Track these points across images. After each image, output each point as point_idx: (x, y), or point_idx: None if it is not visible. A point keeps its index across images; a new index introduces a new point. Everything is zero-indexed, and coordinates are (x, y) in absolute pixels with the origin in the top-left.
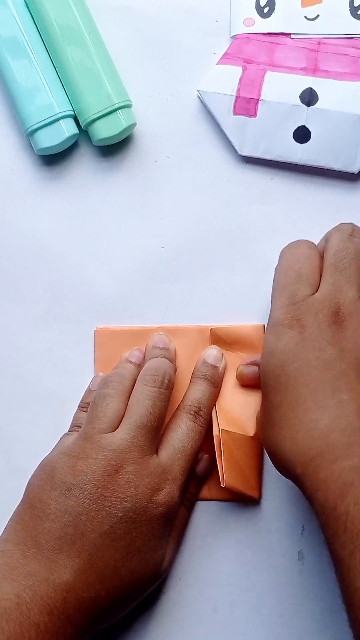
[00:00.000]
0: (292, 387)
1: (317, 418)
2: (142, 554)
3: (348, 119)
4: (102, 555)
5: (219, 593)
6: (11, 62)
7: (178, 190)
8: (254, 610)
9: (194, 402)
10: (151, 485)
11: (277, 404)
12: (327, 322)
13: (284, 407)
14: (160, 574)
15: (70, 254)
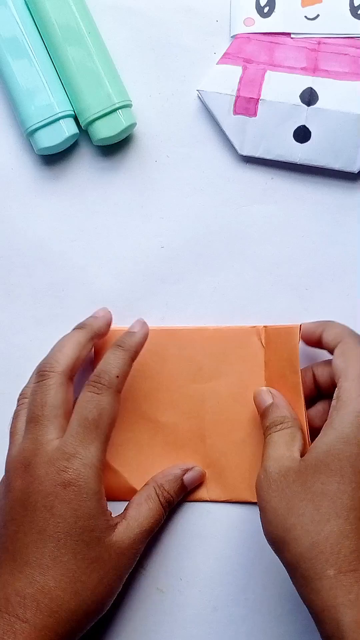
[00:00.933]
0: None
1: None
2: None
3: (348, 119)
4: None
5: (219, 593)
6: (11, 62)
7: (178, 190)
8: (254, 610)
9: (96, 371)
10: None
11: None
12: None
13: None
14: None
15: (70, 254)
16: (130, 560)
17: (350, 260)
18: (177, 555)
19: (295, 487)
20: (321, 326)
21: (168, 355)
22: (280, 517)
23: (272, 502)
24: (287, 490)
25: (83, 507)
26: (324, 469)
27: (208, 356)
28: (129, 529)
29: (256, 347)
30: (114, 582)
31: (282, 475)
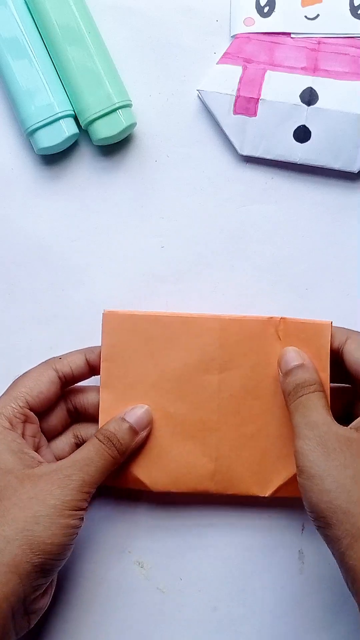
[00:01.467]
0: None
1: None
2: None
3: (348, 119)
4: None
5: (219, 593)
6: (11, 62)
7: (178, 189)
8: (254, 610)
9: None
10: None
11: None
12: None
13: None
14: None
15: (70, 253)
16: (58, 484)
17: (350, 260)
18: (177, 555)
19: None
20: (346, 335)
21: (180, 343)
22: (344, 487)
23: (334, 471)
24: (352, 460)
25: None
26: None
27: (221, 346)
28: (55, 463)
29: (272, 339)
30: (38, 505)
31: (343, 444)
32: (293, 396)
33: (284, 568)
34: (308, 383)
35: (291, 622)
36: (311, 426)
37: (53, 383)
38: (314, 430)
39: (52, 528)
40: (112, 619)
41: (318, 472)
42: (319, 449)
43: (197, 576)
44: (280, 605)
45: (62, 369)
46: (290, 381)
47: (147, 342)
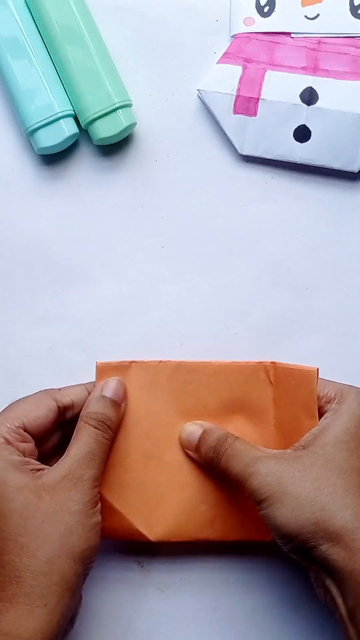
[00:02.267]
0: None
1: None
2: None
3: (348, 118)
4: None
5: (219, 593)
6: (11, 62)
7: (178, 189)
8: (254, 610)
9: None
10: None
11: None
12: None
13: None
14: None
15: (70, 253)
16: (75, 488)
17: (350, 260)
18: (177, 555)
19: (316, 468)
20: (334, 390)
21: (172, 390)
22: (307, 501)
23: (292, 490)
24: (306, 473)
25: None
26: (345, 446)
27: (214, 392)
28: (60, 465)
29: (264, 384)
30: (65, 515)
31: (291, 463)
32: (217, 458)
33: (284, 568)
34: (222, 439)
35: (291, 622)
36: (252, 464)
37: (51, 411)
38: (255, 466)
39: (85, 534)
40: (112, 619)
41: (277, 497)
42: (269, 477)
43: (197, 576)
44: (280, 605)
45: (61, 399)
46: (207, 448)
47: (140, 390)
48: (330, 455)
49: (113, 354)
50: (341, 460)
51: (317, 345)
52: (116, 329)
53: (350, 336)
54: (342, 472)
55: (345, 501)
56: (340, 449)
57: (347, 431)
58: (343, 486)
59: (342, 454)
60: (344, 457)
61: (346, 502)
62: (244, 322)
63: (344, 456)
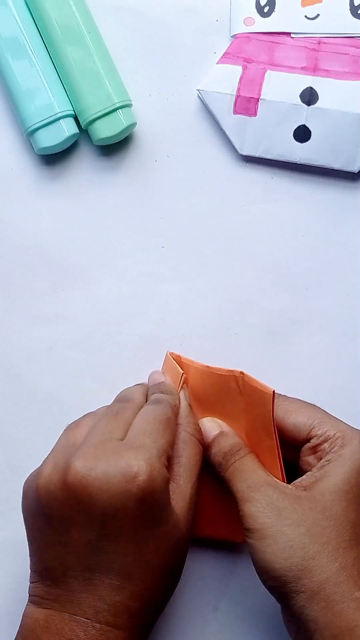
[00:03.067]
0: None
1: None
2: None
3: (348, 118)
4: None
5: (219, 593)
6: (11, 62)
7: (178, 189)
8: (254, 610)
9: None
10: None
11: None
12: None
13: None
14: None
15: (71, 253)
16: (190, 517)
17: (350, 260)
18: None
19: (314, 514)
20: (335, 430)
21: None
22: (299, 545)
23: (287, 530)
24: (304, 517)
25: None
26: (344, 495)
27: (191, 395)
28: (182, 490)
29: (235, 393)
30: (185, 548)
31: (292, 501)
32: (225, 465)
33: None
34: (236, 449)
35: None
36: (255, 488)
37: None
38: (259, 491)
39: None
40: None
41: (271, 533)
42: (268, 509)
43: (197, 576)
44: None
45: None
46: (217, 451)
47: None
48: (329, 503)
49: (113, 354)
50: (338, 510)
51: (317, 345)
52: (116, 329)
53: (350, 336)
54: (337, 523)
55: (335, 554)
56: (340, 499)
57: (347, 480)
58: (336, 538)
59: (341, 503)
60: (342, 507)
61: (336, 555)
62: (244, 322)
63: (342, 506)
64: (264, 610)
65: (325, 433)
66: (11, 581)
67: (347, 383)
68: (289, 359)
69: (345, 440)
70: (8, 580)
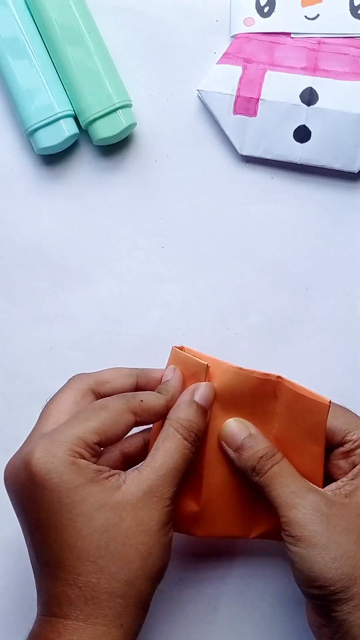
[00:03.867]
0: None
1: None
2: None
3: (348, 119)
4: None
5: (219, 593)
6: (11, 62)
7: (178, 189)
8: (254, 610)
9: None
10: None
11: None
12: None
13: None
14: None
15: (70, 253)
16: (156, 508)
17: (350, 260)
18: (177, 555)
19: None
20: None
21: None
22: (352, 553)
23: (338, 537)
24: (353, 524)
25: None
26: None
27: (222, 391)
28: (141, 478)
29: (269, 397)
30: (146, 536)
31: (339, 509)
32: (260, 470)
33: (284, 568)
34: (271, 453)
35: (291, 622)
36: (300, 495)
37: (127, 427)
38: (305, 498)
39: (163, 553)
40: None
41: (321, 541)
42: (317, 516)
43: (197, 576)
44: (280, 605)
45: (142, 414)
46: (249, 455)
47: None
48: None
49: (113, 354)
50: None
51: (317, 345)
52: (116, 329)
53: (350, 336)
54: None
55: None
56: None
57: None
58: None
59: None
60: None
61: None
62: (244, 322)
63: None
64: (264, 610)
65: (358, 440)
66: (11, 581)
67: (347, 383)
68: (289, 359)
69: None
70: (7, 581)
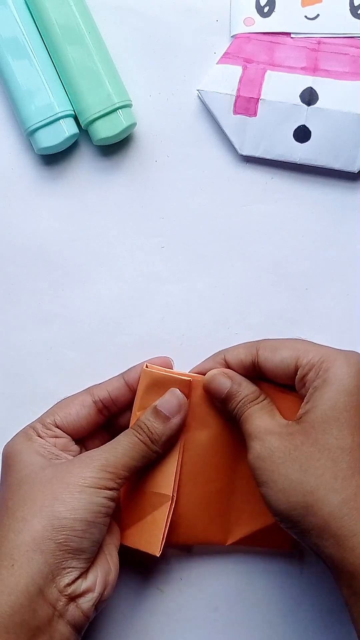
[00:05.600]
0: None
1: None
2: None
3: (348, 119)
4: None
5: (219, 593)
6: (11, 62)
7: (178, 189)
8: (254, 610)
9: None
10: None
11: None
12: None
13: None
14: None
15: (71, 253)
16: (86, 468)
17: (350, 260)
18: (177, 555)
19: (306, 448)
20: (255, 346)
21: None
22: (296, 482)
23: (282, 469)
24: (297, 453)
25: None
26: (334, 423)
27: (193, 405)
28: (88, 455)
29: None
30: (60, 484)
31: (285, 440)
32: (239, 412)
33: (284, 568)
34: (252, 398)
35: (291, 622)
36: (253, 436)
37: (84, 407)
38: (256, 439)
39: (72, 504)
40: (112, 619)
41: (270, 477)
42: (263, 454)
43: (197, 576)
44: (280, 605)
45: (98, 393)
46: (232, 404)
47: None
48: (320, 434)
49: (113, 354)
50: (331, 440)
51: None
52: (116, 329)
53: (350, 336)
54: (331, 453)
55: (334, 485)
56: (330, 427)
57: (335, 406)
58: (331, 469)
59: (332, 432)
60: (334, 435)
61: (334, 486)
62: (244, 322)
63: (334, 435)
64: (264, 610)
65: (309, 361)
66: None
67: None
68: None
69: (328, 363)
70: None
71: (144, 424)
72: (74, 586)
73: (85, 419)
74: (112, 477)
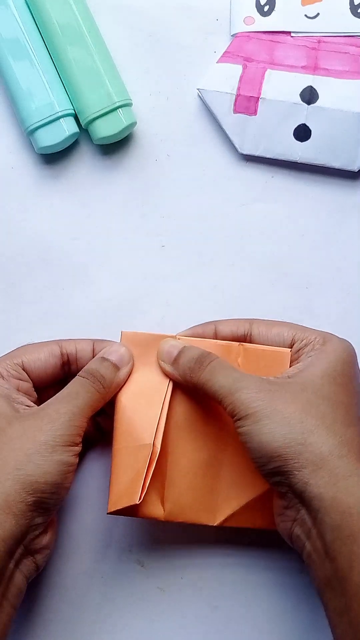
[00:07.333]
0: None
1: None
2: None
3: (348, 117)
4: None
5: (219, 593)
6: (12, 61)
7: (178, 188)
8: (254, 610)
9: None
10: None
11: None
12: None
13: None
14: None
15: (71, 252)
16: (49, 423)
17: (351, 259)
18: (177, 555)
19: (306, 394)
20: (249, 322)
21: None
22: (299, 419)
23: (281, 408)
24: (297, 396)
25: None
26: (333, 381)
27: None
28: (43, 407)
29: (232, 362)
30: (30, 443)
31: (280, 386)
32: (197, 370)
33: (284, 567)
34: (206, 354)
35: (291, 622)
36: (241, 379)
37: (52, 355)
38: (246, 381)
39: (44, 466)
40: (112, 618)
41: (266, 413)
42: (261, 393)
43: (197, 576)
44: (280, 605)
45: (66, 347)
46: (185, 361)
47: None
48: (319, 385)
49: None
50: (330, 393)
51: None
52: (116, 329)
53: (350, 336)
54: (330, 402)
55: (333, 428)
56: (329, 382)
57: (334, 368)
58: (331, 415)
59: (331, 387)
60: (332, 390)
61: (334, 429)
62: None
63: (332, 390)
64: (263, 609)
65: (306, 337)
66: None
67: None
68: None
69: (325, 339)
70: None
71: (97, 373)
72: (36, 541)
73: (52, 368)
74: (78, 432)
